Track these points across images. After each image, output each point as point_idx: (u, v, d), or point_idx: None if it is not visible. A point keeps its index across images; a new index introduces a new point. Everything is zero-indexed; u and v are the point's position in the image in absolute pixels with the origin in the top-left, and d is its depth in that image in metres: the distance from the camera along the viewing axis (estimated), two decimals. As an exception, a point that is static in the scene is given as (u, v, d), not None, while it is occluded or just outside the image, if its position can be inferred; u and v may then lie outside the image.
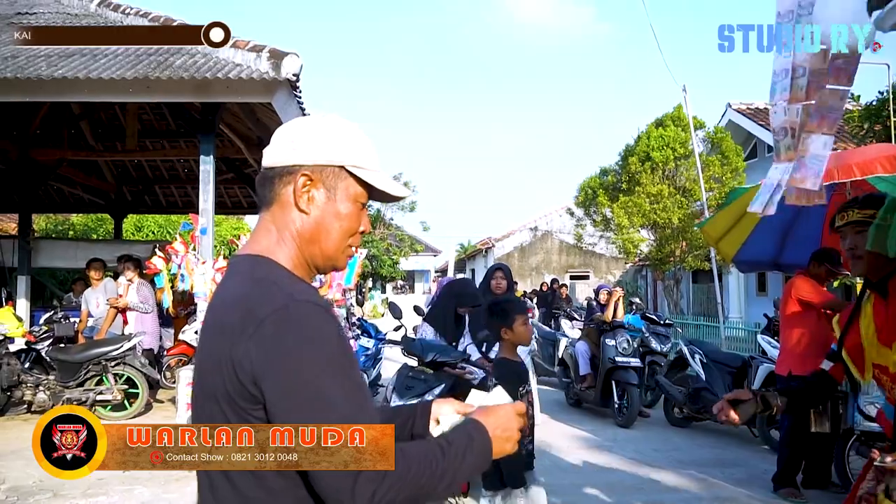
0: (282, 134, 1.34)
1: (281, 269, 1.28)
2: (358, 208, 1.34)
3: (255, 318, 1.16)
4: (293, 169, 1.29)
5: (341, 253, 1.36)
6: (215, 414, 1.20)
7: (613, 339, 8.05)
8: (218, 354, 1.19)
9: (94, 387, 7.51)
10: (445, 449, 1.23)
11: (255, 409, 1.16)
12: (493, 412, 1.37)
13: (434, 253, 48.43)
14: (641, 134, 18.08)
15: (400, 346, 5.53)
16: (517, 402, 1.45)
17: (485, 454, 1.30)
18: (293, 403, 1.14)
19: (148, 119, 10.91)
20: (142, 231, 19.66)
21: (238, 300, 1.21)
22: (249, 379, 1.14)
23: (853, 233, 2.29)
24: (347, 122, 1.36)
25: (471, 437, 1.29)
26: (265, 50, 6.37)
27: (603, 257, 27.63)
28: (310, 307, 1.19)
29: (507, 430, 1.35)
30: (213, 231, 6.94)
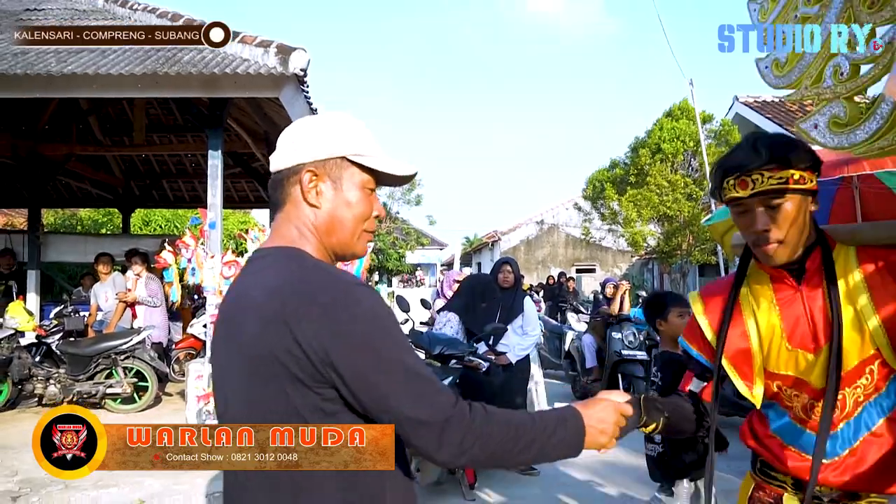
0: (284, 138, 1.41)
1: (318, 259, 1.35)
2: (367, 194, 1.40)
3: (319, 303, 1.21)
4: (298, 168, 1.36)
5: (358, 239, 1.42)
6: (273, 396, 1.23)
7: (620, 333, 8.07)
8: (278, 342, 1.20)
9: (104, 380, 7.57)
10: (536, 421, 1.31)
11: (322, 387, 1.21)
12: (593, 404, 1.44)
13: (440, 246, 48.36)
14: (653, 126, 18.03)
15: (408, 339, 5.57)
16: (623, 403, 1.49)
17: (576, 439, 1.35)
18: (370, 376, 1.20)
19: (155, 114, 10.95)
20: (150, 225, 19.73)
21: (295, 287, 1.25)
22: (321, 360, 1.19)
23: (764, 206, 1.58)
24: (343, 115, 1.43)
25: (564, 418, 1.35)
26: (273, 45, 6.39)
27: (609, 251, 27.60)
28: (367, 290, 1.27)
29: (603, 422, 1.40)
30: (221, 225, 6.97)
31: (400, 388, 1.21)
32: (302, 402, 1.22)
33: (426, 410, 1.20)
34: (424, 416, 1.20)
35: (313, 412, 1.22)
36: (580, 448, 1.36)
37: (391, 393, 1.21)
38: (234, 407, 1.31)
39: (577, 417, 1.36)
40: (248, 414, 1.27)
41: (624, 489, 5.30)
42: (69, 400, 7.46)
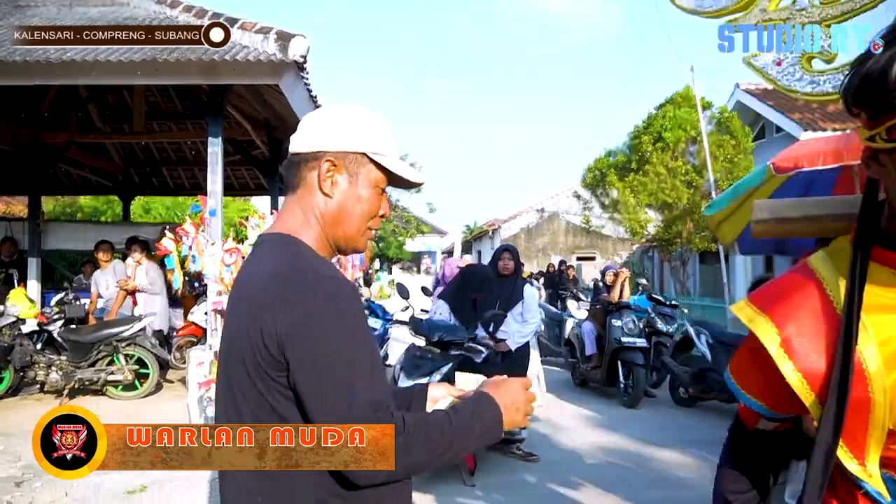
0: (307, 122, 1.42)
1: (308, 248, 1.36)
2: (378, 193, 1.42)
3: (285, 291, 1.23)
4: (318, 155, 1.38)
5: (361, 235, 1.44)
6: (244, 383, 1.27)
7: (619, 320, 8.09)
8: (253, 327, 1.25)
9: (106, 367, 7.60)
10: (452, 418, 1.29)
11: (281, 376, 1.23)
12: (501, 385, 1.43)
13: (440, 234, 48.40)
14: (654, 114, 17.99)
15: (407, 326, 5.59)
16: (524, 378, 1.51)
17: (494, 424, 1.34)
18: (309, 372, 1.20)
19: (155, 101, 10.92)
20: (150, 213, 19.75)
21: (273, 275, 1.28)
22: (276, 346, 1.21)
23: None
24: (370, 112, 1.44)
25: (478, 407, 1.35)
26: (272, 32, 6.36)
27: (610, 238, 27.55)
28: (336, 282, 1.27)
29: (516, 401, 1.39)
30: (221, 212, 6.97)
31: (329, 390, 1.20)
32: (266, 389, 1.24)
33: (346, 418, 1.18)
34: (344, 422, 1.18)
35: (278, 399, 1.24)
36: (501, 432, 1.36)
37: (318, 398, 1.20)
38: (221, 390, 1.35)
39: (492, 404, 1.35)
40: (229, 396, 1.31)
41: (622, 472, 5.33)
42: (71, 387, 7.50)
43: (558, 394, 8.48)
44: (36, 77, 6.65)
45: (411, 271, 45.48)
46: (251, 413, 1.27)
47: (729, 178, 15.80)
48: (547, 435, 6.52)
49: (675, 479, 5.25)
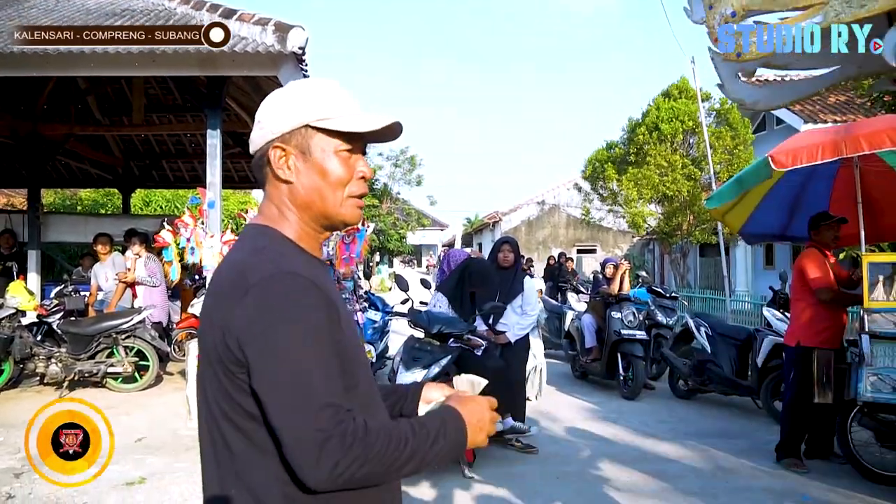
0: (256, 118, 1.38)
1: (283, 240, 1.31)
2: (343, 158, 1.32)
3: (244, 285, 1.20)
4: (266, 147, 1.33)
5: (341, 206, 1.34)
6: (210, 377, 1.25)
7: (619, 312, 8.09)
8: (212, 318, 1.24)
9: (106, 359, 7.61)
10: (417, 430, 1.23)
11: (241, 371, 1.19)
12: (469, 401, 1.37)
13: (441, 227, 48.42)
14: (650, 106, 17.96)
15: (407, 318, 5.59)
16: (489, 397, 1.44)
17: (458, 441, 1.29)
18: (262, 370, 1.16)
19: (154, 93, 10.89)
20: (150, 206, 19.72)
21: (233, 267, 1.26)
22: (235, 343, 1.18)
23: None
24: (305, 82, 1.38)
25: (444, 422, 1.29)
26: (270, 23, 6.34)
27: (610, 231, 27.59)
28: (295, 278, 1.21)
29: (481, 420, 1.35)
30: (220, 205, 6.96)
31: (283, 390, 1.15)
32: (230, 384, 1.21)
33: (300, 424, 1.13)
34: (296, 430, 1.13)
35: (243, 395, 1.20)
36: (462, 449, 1.32)
37: (271, 398, 1.16)
38: (201, 384, 1.31)
39: (458, 420, 1.30)
40: (204, 391, 1.28)
41: (621, 464, 5.33)
42: (70, 379, 7.51)
43: (558, 386, 8.48)
44: (34, 68, 6.64)
45: (412, 264, 45.48)
46: (219, 407, 1.24)
47: (728, 169, 15.78)
48: (546, 427, 6.53)
49: (673, 471, 5.25)
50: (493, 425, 1.39)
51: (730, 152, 16.35)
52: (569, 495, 4.71)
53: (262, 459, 1.22)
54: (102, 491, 4.58)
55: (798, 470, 5.17)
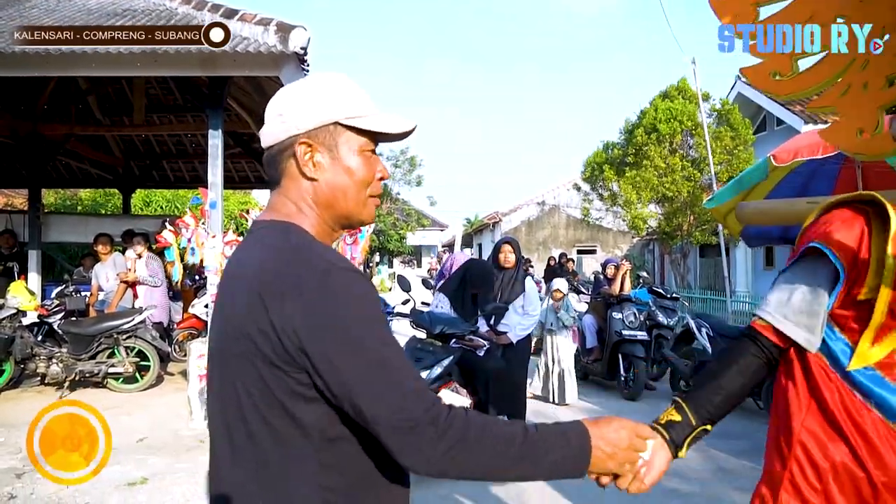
0: (270, 110, 1.33)
1: (311, 237, 1.27)
2: (366, 157, 1.31)
3: (297, 285, 1.15)
4: (290, 141, 1.28)
5: (363, 206, 1.34)
6: (247, 375, 1.19)
7: (620, 313, 8.09)
8: (253, 317, 1.17)
9: (106, 359, 7.60)
10: (530, 434, 1.20)
11: (297, 372, 1.16)
12: (607, 423, 1.32)
13: (441, 227, 48.39)
14: (647, 108, 17.96)
15: (409, 318, 5.58)
16: (641, 424, 1.38)
17: (578, 460, 1.25)
18: (350, 362, 1.13)
19: (155, 94, 10.89)
20: (150, 206, 19.73)
21: (275, 265, 1.20)
22: (294, 344, 1.14)
23: None
24: (330, 76, 1.33)
25: (566, 436, 1.25)
26: (273, 23, 6.34)
27: (610, 231, 27.57)
28: (350, 274, 1.19)
29: (615, 446, 1.29)
30: (221, 205, 6.96)
31: (366, 380, 1.13)
32: (277, 385, 1.16)
33: (390, 409, 1.12)
34: (387, 415, 1.12)
35: (290, 396, 1.17)
36: (582, 471, 1.25)
37: (356, 384, 1.13)
38: (217, 382, 1.28)
39: (584, 437, 1.25)
40: (229, 392, 1.23)
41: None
42: (71, 379, 7.51)
43: (559, 386, 8.47)
44: (34, 68, 6.64)
45: (412, 265, 45.46)
46: (256, 411, 1.19)
47: (728, 170, 15.77)
48: (547, 427, 6.53)
49: (674, 473, 5.24)
50: (634, 455, 1.33)
51: (730, 153, 16.35)
52: (569, 496, 4.71)
53: (300, 466, 1.19)
54: (104, 491, 4.58)
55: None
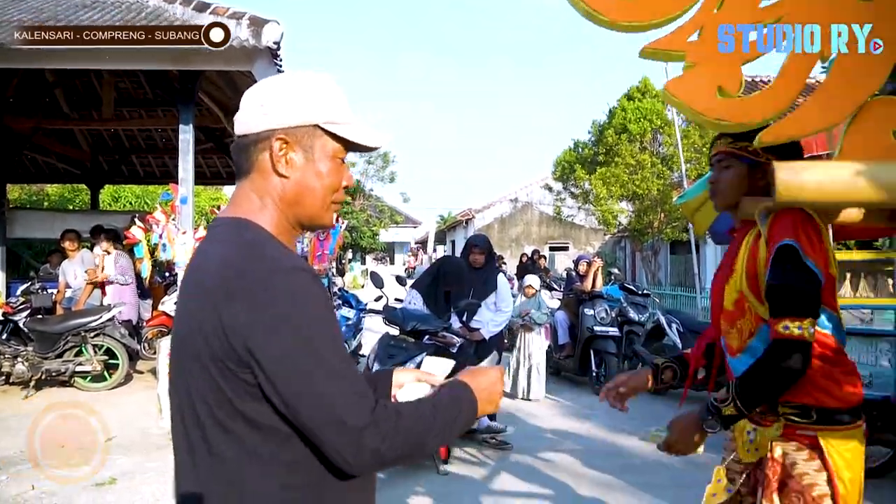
0: (250, 98, 1.31)
1: (267, 234, 1.27)
2: (337, 164, 1.32)
3: (244, 283, 1.15)
4: (267, 134, 1.27)
5: (326, 211, 1.34)
6: (198, 375, 1.19)
7: (592, 309, 8.16)
8: (203, 316, 1.17)
9: (74, 358, 7.49)
10: (438, 408, 1.28)
11: (244, 371, 1.16)
12: (478, 374, 1.42)
13: (414, 224, 48.39)
14: (615, 108, 18.14)
15: (381, 315, 5.58)
16: (499, 366, 1.51)
17: (471, 413, 1.35)
18: (285, 369, 1.14)
19: (125, 87, 10.73)
20: (119, 202, 19.45)
21: (225, 263, 1.19)
22: (240, 342, 1.14)
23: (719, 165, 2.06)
24: (316, 77, 1.33)
25: (459, 397, 1.34)
26: (245, 17, 6.28)
27: (582, 228, 27.79)
28: (299, 273, 1.19)
29: (491, 391, 1.40)
30: (193, 201, 6.89)
31: (313, 387, 1.14)
32: (227, 384, 1.16)
33: (340, 417, 1.14)
34: (330, 419, 1.14)
35: (241, 395, 1.16)
36: (473, 422, 1.40)
37: (302, 391, 1.14)
38: (175, 381, 1.27)
39: (469, 393, 1.36)
40: (184, 391, 1.23)
41: (594, 459, 5.39)
42: (37, 378, 7.37)
43: (531, 383, 8.53)
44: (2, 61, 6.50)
45: (385, 262, 45.39)
46: (210, 411, 1.19)
47: (697, 168, 15.99)
48: (520, 423, 6.57)
49: (646, 465, 5.32)
50: (500, 393, 1.45)
51: (698, 150, 16.57)
52: (543, 491, 4.74)
53: (257, 466, 1.19)
54: (72, 492, 4.51)
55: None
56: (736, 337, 2.01)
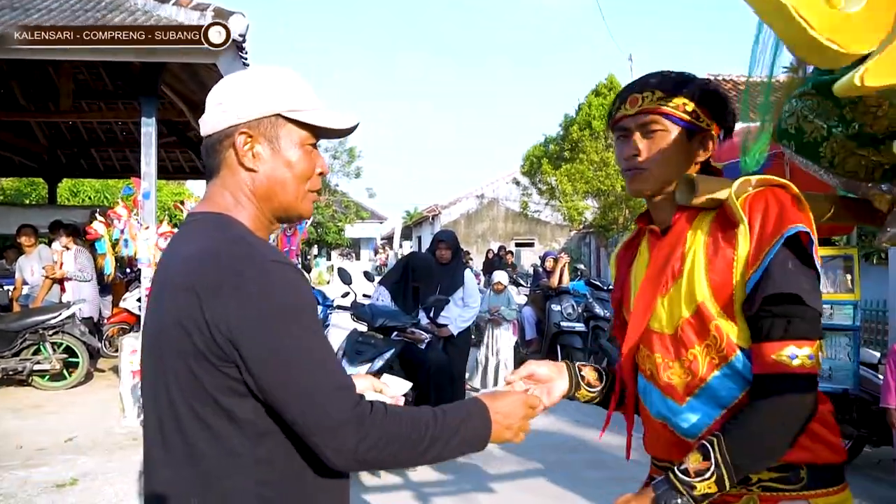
0: (211, 99, 1.32)
1: (245, 229, 1.26)
2: (307, 151, 1.31)
3: (232, 278, 1.14)
4: (230, 131, 1.27)
5: (302, 200, 1.33)
6: (180, 370, 1.17)
7: (559, 305, 8.22)
8: (183, 311, 1.16)
9: (31, 356, 7.31)
10: (439, 418, 1.24)
11: (227, 366, 1.15)
12: (502, 397, 1.37)
13: (380, 220, 48.21)
14: (582, 104, 18.30)
15: (349, 311, 5.55)
16: (531, 395, 1.45)
17: (481, 435, 1.29)
18: (272, 362, 1.13)
19: (83, 79, 10.47)
20: (78, 196, 19.03)
21: (208, 258, 1.18)
22: (226, 338, 1.13)
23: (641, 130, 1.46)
24: (274, 69, 1.32)
25: (469, 413, 1.29)
26: (209, 9, 6.16)
27: (548, 225, 27.98)
28: (286, 268, 1.19)
29: (510, 416, 1.34)
30: (155, 195, 6.75)
31: (294, 377, 1.14)
32: (208, 379, 1.15)
33: (321, 409, 1.13)
34: (313, 414, 1.13)
35: (222, 391, 1.16)
36: (485, 444, 1.31)
37: (284, 381, 1.14)
38: (149, 378, 1.25)
39: (484, 412, 1.30)
40: (161, 387, 1.21)
41: (562, 454, 5.43)
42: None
43: (498, 378, 8.56)
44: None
45: (350, 257, 45.17)
46: (188, 406, 1.17)
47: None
48: (488, 419, 6.58)
49: (612, 460, 5.36)
50: (527, 423, 1.37)
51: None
52: (510, 486, 4.76)
53: (235, 462, 1.18)
54: (31, 494, 4.40)
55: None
56: (680, 374, 1.44)
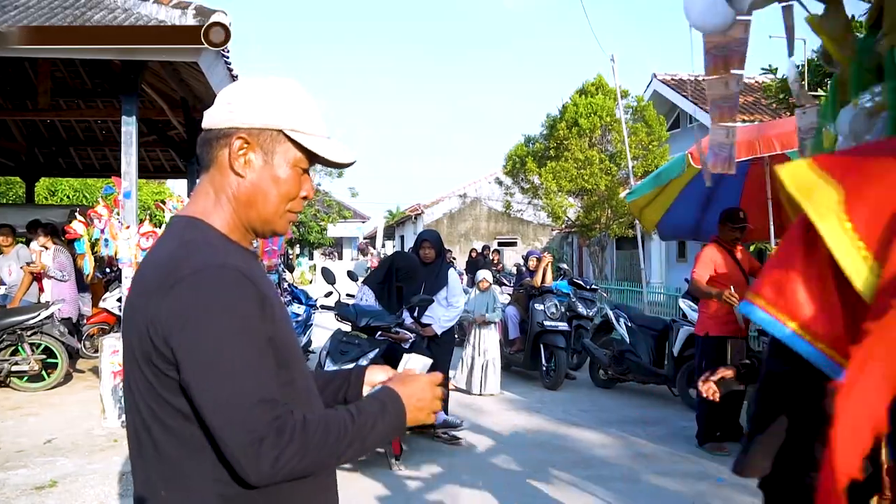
0: (222, 95, 1.32)
1: (213, 232, 1.28)
2: (297, 173, 1.32)
3: (171, 279, 1.16)
4: (230, 132, 1.28)
5: (279, 217, 1.34)
6: (137, 376, 1.20)
7: (542, 304, 8.24)
8: (140, 314, 1.18)
9: (9, 357, 7.21)
10: (355, 416, 1.23)
11: (169, 369, 1.16)
12: (409, 381, 1.38)
13: (362, 219, 48.08)
14: (567, 103, 18.35)
15: (333, 311, 5.53)
16: (435, 373, 1.47)
17: (397, 422, 1.30)
18: (194, 366, 1.13)
19: (62, 77, 10.33)
20: (56, 195, 18.80)
21: (162, 260, 1.21)
22: (162, 339, 1.14)
23: None
24: (291, 84, 1.33)
25: (383, 405, 1.30)
26: (191, 7, 6.09)
27: (531, 224, 28.01)
28: (224, 270, 1.18)
29: (422, 399, 1.36)
30: (136, 195, 6.68)
31: (215, 386, 1.12)
32: (158, 382, 1.17)
33: (239, 426, 1.11)
34: (235, 431, 1.11)
35: (171, 391, 1.17)
36: (402, 430, 1.33)
37: (206, 390, 1.13)
38: (127, 383, 1.26)
39: (397, 401, 1.31)
40: (129, 388, 1.24)
41: (545, 453, 5.44)
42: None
43: (482, 377, 8.56)
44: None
45: (332, 257, 45.00)
46: (148, 407, 1.20)
47: (644, 165, 16.30)
48: (471, 418, 6.59)
49: (596, 459, 5.40)
50: (436, 402, 1.39)
51: (645, 148, 16.90)
52: (495, 485, 4.76)
53: (195, 461, 1.19)
54: (9, 497, 4.34)
55: (720, 453, 5.39)
56: None
